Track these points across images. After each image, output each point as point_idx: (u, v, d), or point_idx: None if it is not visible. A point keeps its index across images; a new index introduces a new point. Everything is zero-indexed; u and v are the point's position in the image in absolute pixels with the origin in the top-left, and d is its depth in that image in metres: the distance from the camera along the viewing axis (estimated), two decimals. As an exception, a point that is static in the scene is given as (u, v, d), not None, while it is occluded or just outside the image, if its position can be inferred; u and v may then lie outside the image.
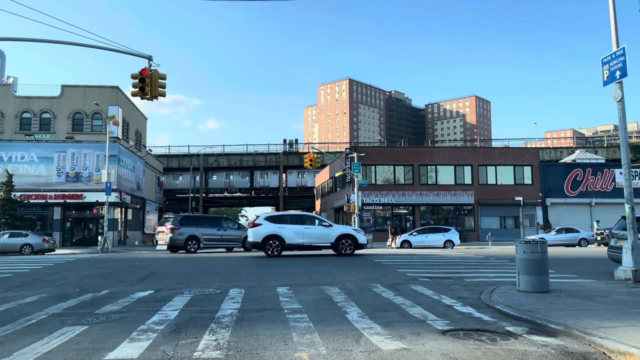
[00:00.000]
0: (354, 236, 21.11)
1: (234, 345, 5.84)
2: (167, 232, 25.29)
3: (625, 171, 12.14)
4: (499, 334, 6.39)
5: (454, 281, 12.13)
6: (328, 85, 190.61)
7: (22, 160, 39.23)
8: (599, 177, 42.79)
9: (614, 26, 12.21)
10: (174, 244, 25.42)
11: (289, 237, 20.78)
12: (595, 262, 17.39)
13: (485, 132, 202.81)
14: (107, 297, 10.01)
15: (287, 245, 20.84)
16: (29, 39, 16.92)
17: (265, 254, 20.92)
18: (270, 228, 20.93)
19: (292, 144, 74.87)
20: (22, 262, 20.69)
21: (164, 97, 15.62)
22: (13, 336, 6.53)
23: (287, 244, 20.81)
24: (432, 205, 41.98)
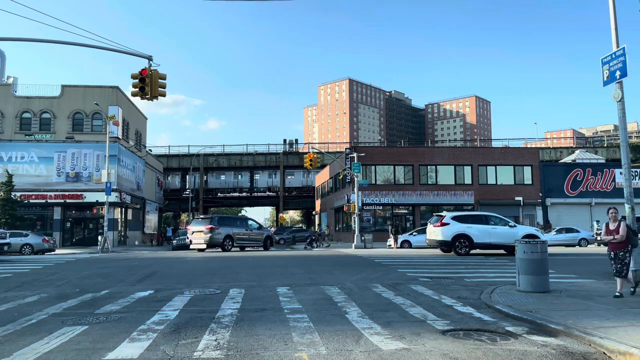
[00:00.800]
0: (537, 236, 21.10)
1: (234, 345, 5.85)
2: (206, 232, 27.03)
3: (625, 171, 12.14)
4: (499, 334, 6.39)
5: (454, 281, 12.13)
6: (328, 85, 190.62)
7: (22, 160, 39.22)
8: (599, 177, 42.80)
9: (614, 26, 12.21)
10: (213, 242, 27.31)
11: (477, 236, 20.97)
12: (595, 262, 17.39)
13: (485, 132, 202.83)
14: (107, 297, 10.01)
15: (475, 244, 21.01)
16: (29, 39, 16.93)
17: (455, 252, 20.99)
18: (458, 227, 21.02)
19: (292, 144, 74.86)
20: (22, 262, 20.69)
21: (164, 97, 15.63)
22: (13, 336, 6.53)
23: (475, 243, 20.97)
24: (432, 205, 41.97)
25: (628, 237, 8.96)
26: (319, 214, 61.41)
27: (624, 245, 8.95)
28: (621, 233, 8.93)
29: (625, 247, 8.96)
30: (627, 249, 8.96)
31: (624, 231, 8.92)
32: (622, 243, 8.96)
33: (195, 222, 28.87)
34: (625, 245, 8.96)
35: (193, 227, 28.18)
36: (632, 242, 9.01)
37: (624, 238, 8.93)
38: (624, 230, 8.93)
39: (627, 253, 8.96)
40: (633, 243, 9.02)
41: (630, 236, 9.00)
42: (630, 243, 8.98)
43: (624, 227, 8.95)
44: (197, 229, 27.49)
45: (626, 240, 8.95)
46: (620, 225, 8.99)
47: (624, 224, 9.00)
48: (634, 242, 9.05)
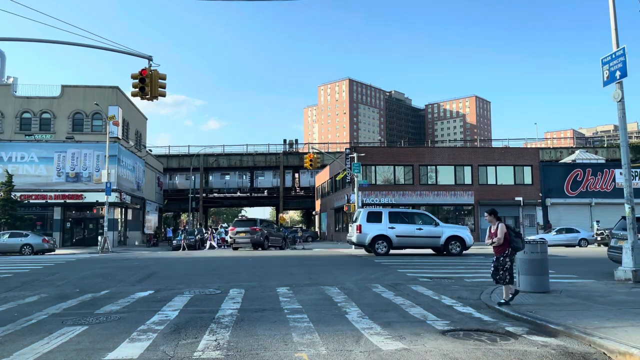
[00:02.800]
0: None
1: (234, 345, 5.85)
2: (252, 232, 29.06)
3: (625, 171, 12.14)
4: (499, 334, 6.39)
5: (454, 281, 12.13)
6: (328, 86, 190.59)
7: (22, 161, 39.20)
8: (599, 177, 42.78)
9: (613, 26, 12.22)
10: (256, 242, 29.09)
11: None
12: (595, 262, 17.39)
13: (485, 132, 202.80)
14: (107, 297, 10.01)
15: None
16: (29, 39, 16.93)
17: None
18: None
19: (292, 144, 74.81)
20: (22, 262, 20.69)
21: (164, 97, 15.62)
22: (13, 336, 6.53)
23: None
24: (432, 205, 41.95)
25: (508, 240, 8.41)
26: (319, 214, 61.40)
27: (503, 248, 8.41)
28: (499, 235, 8.39)
29: (505, 251, 8.42)
30: (507, 253, 8.41)
31: (502, 233, 8.36)
32: (502, 246, 8.40)
33: (238, 224, 31.04)
34: (505, 248, 8.42)
35: (238, 228, 29.90)
36: (514, 244, 8.46)
37: (501, 241, 8.38)
38: (501, 232, 8.37)
39: (506, 257, 8.41)
40: (514, 246, 8.47)
41: (512, 239, 8.44)
42: (510, 246, 8.43)
43: (501, 229, 8.40)
44: (242, 229, 29.51)
45: (505, 243, 8.40)
46: (498, 227, 8.44)
47: (502, 226, 8.43)
48: (516, 244, 8.49)
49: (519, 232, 8.73)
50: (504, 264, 8.40)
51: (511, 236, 8.45)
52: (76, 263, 19.78)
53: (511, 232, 8.50)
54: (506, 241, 8.43)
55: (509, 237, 8.44)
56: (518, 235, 8.60)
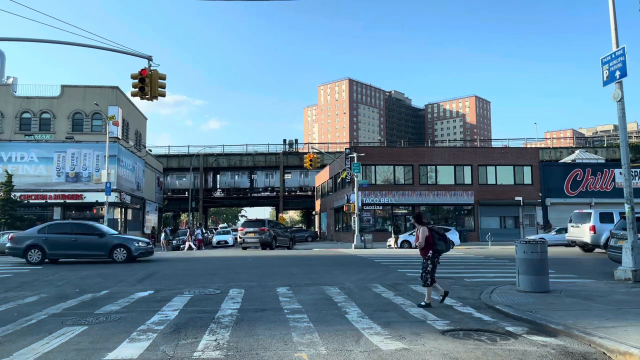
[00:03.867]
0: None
1: (233, 345, 5.85)
2: (260, 233, 29.66)
3: (625, 171, 12.14)
4: (499, 334, 6.39)
5: (454, 281, 12.13)
6: (328, 86, 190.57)
7: (22, 161, 39.21)
8: (598, 177, 42.77)
9: (613, 26, 12.22)
10: (264, 242, 29.58)
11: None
12: (595, 262, 17.39)
13: (485, 132, 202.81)
14: (107, 297, 10.01)
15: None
16: (29, 39, 16.92)
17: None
18: None
19: (292, 144, 74.82)
20: (22, 262, 20.66)
21: (164, 97, 15.62)
22: (13, 336, 6.53)
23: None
24: (432, 205, 41.95)
25: (431, 243, 8.51)
26: (319, 214, 61.40)
27: (426, 251, 8.56)
28: (420, 239, 8.55)
29: (427, 254, 8.55)
30: (429, 256, 8.53)
31: (422, 237, 8.51)
32: (424, 249, 8.56)
33: (248, 225, 31.56)
34: (427, 251, 8.55)
35: (247, 229, 30.34)
36: (436, 247, 8.53)
37: (422, 245, 8.53)
38: (422, 236, 8.52)
39: (428, 260, 8.52)
40: (437, 249, 8.53)
41: (435, 241, 8.52)
42: (432, 249, 8.53)
43: (422, 233, 8.53)
44: (251, 230, 29.93)
45: (427, 246, 8.53)
46: (420, 230, 8.57)
47: (422, 229, 8.54)
48: (439, 247, 8.54)
49: (444, 235, 8.79)
50: (425, 266, 8.58)
51: (434, 239, 8.57)
52: (76, 263, 19.75)
53: (435, 235, 8.61)
54: (428, 244, 8.57)
55: (431, 240, 8.56)
56: (442, 238, 8.67)
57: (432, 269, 8.57)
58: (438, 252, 8.65)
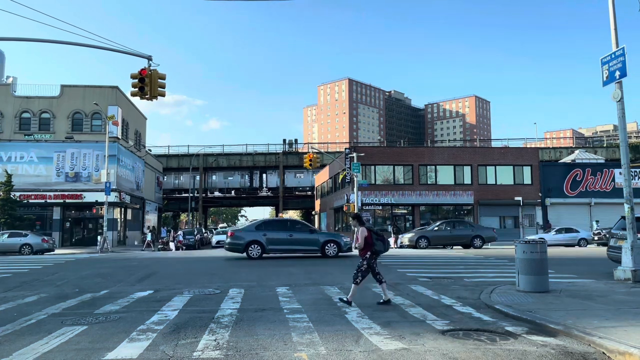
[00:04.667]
0: None
1: (233, 345, 5.84)
2: None
3: (624, 171, 12.14)
4: (499, 334, 6.39)
5: (454, 281, 12.13)
6: (328, 85, 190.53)
7: (22, 160, 39.18)
8: (598, 177, 42.77)
9: (613, 26, 12.22)
10: None
11: None
12: (595, 262, 17.39)
13: (484, 132, 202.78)
14: (107, 297, 10.01)
15: None
16: (29, 39, 16.90)
17: None
18: None
19: (292, 144, 74.81)
20: (21, 262, 20.67)
21: (164, 97, 15.60)
22: (13, 336, 6.53)
23: None
24: (432, 205, 41.95)
25: (370, 244, 8.50)
26: (319, 214, 61.38)
27: (365, 252, 8.54)
28: (359, 240, 8.54)
29: (366, 254, 8.55)
30: (367, 256, 8.53)
31: (362, 238, 8.52)
32: (363, 250, 8.54)
33: None
34: (366, 252, 8.54)
35: None
36: (375, 248, 8.53)
37: (362, 245, 8.52)
38: (361, 236, 8.53)
39: (364, 260, 8.54)
40: (375, 249, 8.53)
41: (374, 241, 8.53)
42: (370, 250, 8.51)
43: (361, 233, 8.53)
44: None
45: (366, 247, 8.52)
46: (359, 231, 8.57)
47: (362, 230, 8.55)
48: (377, 248, 8.55)
49: (382, 236, 8.81)
50: (360, 265, 8.63)
51: (373, 239, 8.58)
52: (75, 263, 19.77)
53: (374, 236, 8.62)
54: (367, 245, 8.57)
55: (370, 241, 8.57)
56: (380, 239, 8.69)
57: (366, 269, 8.59)
58: (376, 253, 8.66)
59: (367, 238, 8.61)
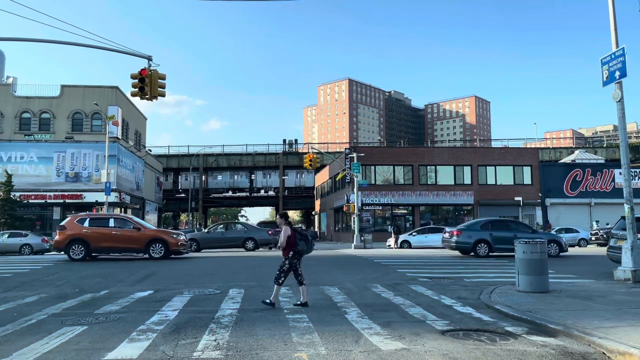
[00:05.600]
0: None
1: (233, 345, 5.84)
2: None
3: (624, 171, 12.14)
4: (499, 334, 6.39)
5: (454, 281, 12.13)
6: (328, 85, 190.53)
7: (22, 161, 39.18)
8: (598, 177, 42.78)
9: (613, 26, 12.22)
10: None
11: None
12: (595, 262, 17.39)
13: (484, 132, 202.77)
14: (107, 297, 10.00)
15: None
16: (29, 39, 16.91)
17: None
18: None
19: (292, 144, 74.85)
20: (21, 262, 20.67)
21: (164, 97, 15.60)
22: (13, 336, 6.53)
23: None
24: (432, 205, 41.97)
25: (292, 244, 8.40)
26: (319, 214, 61.39)
27: (287, 251, 8.46)
28: (282, 239, 8.46)
29: (288, 254, 8.46)
30: (289, 256, 8.44)
31: (284, 237, 8.42)
32: (286, 249, 8.47)
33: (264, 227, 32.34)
34: (288, 251, 8.45)
35: None
36: (298, 247, 8.42)
37: (284, 244, 8.44)
38: (284, 236, 8.43)
39: (286, 260, 8.45)
40: (298, 249, 8.43)
41: (297, 242, 8.40)
42: (293, 249, 8.42)
43: (284, 233, 8.44)
44: None
45: (288, 246, 8.42)
46: (282, 230, 8.48)
47: (284, 229, 8.45)
48: (300, 247, 8.42)
49: (305, 236, 8.67)
50: (282, 265, 8.53)
51: (296, 239, 8.46)
52: (76, 263, 19.76)
53: (297, 235, 8.50)
54: (290, 244, 8.46)
55: (293, 241, 8.45)
56: (304, 239, 8.55)
57: (288, 269, 8.49)
58: (299, 253, 8.53)
59: (290, 237, 8.45)
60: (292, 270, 8.60)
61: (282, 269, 8.51)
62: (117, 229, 20.38)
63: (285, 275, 8.52)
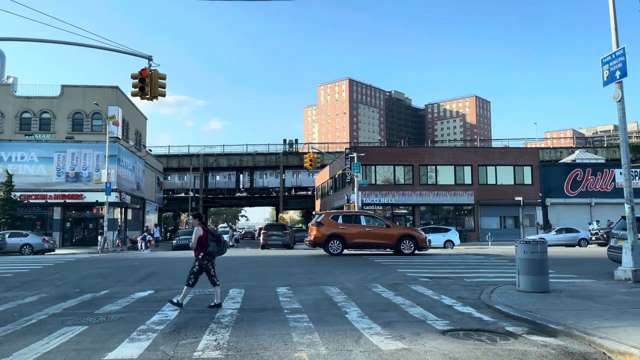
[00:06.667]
0: None
1: (233, 345, 5.84)
2: None
3: (625, 171, 12.14)
4: (499, 334, 6.38)
5: (454, 281, 12.12)
6: (328, 85, 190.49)
7: (22, 160, 39.17)
8: (598, 177, 42.76)
9: (613, 26, 12.21)
10: None
11: None
12: (595, 262, 17.39)
13: (485, 132, 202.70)
14: (107, 297, 10.01)
15: None
16: (29, 39, 16.91)
17: None
18: None
19: (292, 144, 74.83)
20: (22, 262, 20.68)
21: (164, 97, 15.61)
22: (13, 336, 6.53)
23: None
24: (432, 205, 41.95)
25: (204, 244, 8.34)
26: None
27: (198, 252, 8.40)
28: (193, 240, 8.40)
29: (199, 255, 8.40)
30: (199, 257, 8.40)
31: (195, 237, 8.35)
32: (197, 250, 8.40)
33: (271, 228, 34.63)
34: (199, 252, 8.39)
35: (270, 232, 33.17)
36: (209, 249, 8.34)
37: (194, 245, 8.39)
38: (195, 236, 8.35)
39: (196, 261, 8.42)
40: (209, 250, 8.35)
41: (209, 243, 8.33)
42: (203, 250, 8.36)
43: (196, 233, 8.37)
44: (275, 233, 33.21)
45: (199, 247, 8.37)
46: (194, 231, 8.42)
47: (196, 229, 8.40)
48: (211, 249, 8.36)
49: (218, 237, 8.62)
50: (193, 266, 8.49)
51: (208, 240, 8.38)
52: (76, 263, 19.77)
53: (209, 236, 8.43)
54: (201, 245, 8.40)
55: (204, 241, 8.38)
56: (215, 240, 8.49)
57: (199, 270, 8.44)
58: (210, 254, 8.47)
59: (201, 238, 8.37)
60: (204, 272, 8.51)
61: (192, 271, 8.45)
62: (370, 226, 21.16)
63: (196, 277, 8.44)
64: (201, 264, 8.46)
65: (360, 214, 22.93)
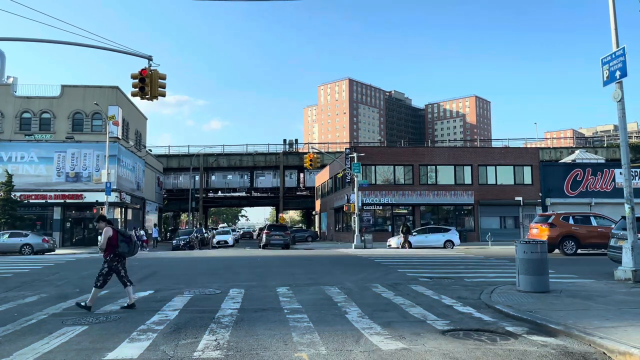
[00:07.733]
0: None
1: (233, 345, 5.84)
2: None
3: (625, 171, 12.14)
4: (499, 334, 6.39)
5: (454, 281, 12.12)
6: (328, 85, 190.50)
7: (22, 160, 39.18)
8: (598, 177, 42.74)
9: (613, 26, 12.22)
10: None
11: None
12: (595, 262, 17.38)
13: (485, 132, 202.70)
14: (107, 297, 10.01)
15: None
16: (29, 39, 16.91)
17: None
18: None
19: (292, 144, 74.80)
20: (22, 262, 20.68)
21: (164, 97, 15.60)
22: (13, 336, 6.53)
23: None
24: (432, 205, 41.93)
25: (113, 245, 8.24)
26: (319, 214, 61.37)
27: (107, 253, 8.28)
28: (102, 241, 8.28)
29: (107, 256, 8.31)
30: (108, 258, 8.31)
31: (104, 238, 8.22)
32: (106, 251, 8.29)
33: (273, 229, 35.31)
34: (108, 253, 8.29)
35: (273, 232, 34.32)
36: (119, 250, 8.27)
37: (104, 246, 8.26)
38: (105, 237, 8.22)
39: (105, 263, 8.31)
40: (119, 251, 8.28)
41: (119, 243, 8.26)
42: (113, 251, 8.26)
43: (105, 234, 8.22)
44: (277, 233, 34.29)
45: (109, 248, 8.26)
46: (103, 231, 8.27)
47: (106, 230, 8.27)
48: (121, 250, 8.28)
49: (129, 237, 8.55)
50: (102, 267, 8.41)
51: (118, 241, 8.29)
52: (76, 263, 19.77)
53: (119, 237, 8.34)
54: (110, 246, 8.30)
55: (114, 242, 8.29)
56: (126, 241, 8.41)
57: (108, 272, 8.34)
58: (120, 255, 8.38)
59: (111, 239, 8.27)
60: (114, 272, 8.42)
61: (101, 272, 8.35)
62: (602, 227, 20.95)
63: (105, 278, 8.34)
64: (110, 265, 8.34)
65: (590, 214, 23.15)
